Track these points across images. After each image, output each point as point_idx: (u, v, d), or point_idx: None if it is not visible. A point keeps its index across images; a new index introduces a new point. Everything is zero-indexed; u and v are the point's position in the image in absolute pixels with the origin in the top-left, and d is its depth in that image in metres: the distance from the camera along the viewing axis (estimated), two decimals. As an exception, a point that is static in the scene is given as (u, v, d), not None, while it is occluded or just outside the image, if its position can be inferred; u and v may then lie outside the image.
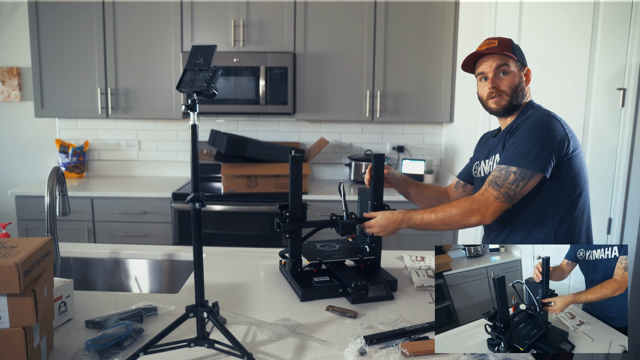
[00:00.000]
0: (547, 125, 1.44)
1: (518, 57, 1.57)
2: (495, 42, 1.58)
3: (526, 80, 1.59)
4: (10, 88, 3.70)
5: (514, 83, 1.55)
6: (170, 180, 3.64)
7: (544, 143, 1.42)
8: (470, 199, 1.49)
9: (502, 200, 1.44)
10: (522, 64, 1.58)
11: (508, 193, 1.43)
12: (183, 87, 1.16)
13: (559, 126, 1.46)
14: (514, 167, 1.43)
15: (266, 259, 1.91)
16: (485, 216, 1.45)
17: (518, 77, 1.56)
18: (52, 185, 1.55)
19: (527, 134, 1.44)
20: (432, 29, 3.37)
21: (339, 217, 1.64)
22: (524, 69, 1.59)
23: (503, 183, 1.44)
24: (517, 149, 1.44)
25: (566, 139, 1.45)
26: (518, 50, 1.59)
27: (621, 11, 2.47)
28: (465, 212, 1.47)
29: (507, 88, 1.56)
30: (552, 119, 1.47)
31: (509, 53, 1.54)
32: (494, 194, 1.45)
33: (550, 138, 1.42)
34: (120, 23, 3.37)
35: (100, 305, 1.47)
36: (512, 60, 1.56)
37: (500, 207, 1.45)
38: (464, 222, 1.49)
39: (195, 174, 1.18)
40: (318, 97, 3.43)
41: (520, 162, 1.42)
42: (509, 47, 1.55)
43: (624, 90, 2.51)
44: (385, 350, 1.22)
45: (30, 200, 3.23)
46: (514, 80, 1.56)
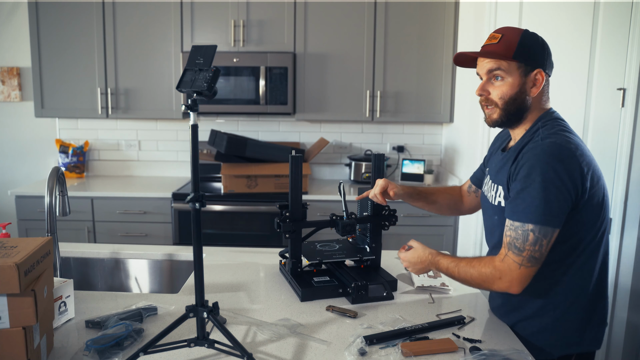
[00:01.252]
0: (559, 165, 1.20)
1: (523, 58, 1.29)
2: (497, 37, 1.31)
3: (535, 86, 1.31)
4: (10, 88, 3.70)
5: (507, 93, 1.31)
6: (170, 180, 3.64)
7: (558, 191, 1.19)
8: (491, 264, 1.27)
9: (528, 266, 1.22)
10: (531, 67, 1.30)
11: (533, 256, 1.22)
12: (183, 87, 1.16)
13: (573, 160, 1.21)
14: (531, 224, 1.21)
15: (266, 259, 1.91)
16: (512, 285, 1.24)
17: (517, 85, 1.30)
18: (52, 185, 1.55)
19: (537, 177, 1.20)
20: (432, 29, 3.37)
21: (339, 217, 1.64)
22: (531, 72, 1.30)
23: (524, 246, 1.22)
24: (528, 199, 1.21)
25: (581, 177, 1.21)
26: (527, 48, 1.29)
27: (621, 11, 2.47)
28: (486, 279, 1.28)
29: (497, 98, 1.32)
30: (564, 151, 1.21)
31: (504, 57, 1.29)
32: (517, 260, 1.23)
33: (564, 182, 1.19)
34: (120, 23, 3.37)
35: (100, 305, 1.47)
36: (512, 64, 1.30)
37: (527, 273, 1.23)
38: (486, 287, 1.31)
39: (195, 174, 1.18)
40: (318, 97, 3.43)
41: (537, 219, 1.20)
42: (511, 46, 1.28)
43: (624, 90, 2.51)
44: (385, 350, 1.21)
45: (30, 200, 3.23)
46: (509, 89, 1.30)
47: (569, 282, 1.29)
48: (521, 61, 1.30)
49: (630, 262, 2.64)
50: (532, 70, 1.31)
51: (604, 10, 2.50)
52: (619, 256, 2.64)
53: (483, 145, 2.79)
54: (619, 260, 2.65)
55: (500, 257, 1.27)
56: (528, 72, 1.31)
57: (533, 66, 1.31)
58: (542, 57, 1.32)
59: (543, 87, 1.33)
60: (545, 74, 1.33)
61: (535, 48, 1.31)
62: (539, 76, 1.31)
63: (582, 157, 1.22)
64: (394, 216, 1.67)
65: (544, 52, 1.32)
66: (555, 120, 1.32)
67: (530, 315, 1.34)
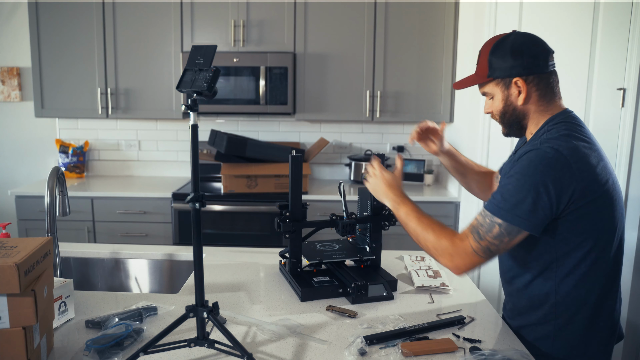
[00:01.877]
0: (546, 171, 1.17)
1: (497, 74, 1.30)
2: (478, 58, 1.36)
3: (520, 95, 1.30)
4: (10, 88, 3.70)
5: (498, 109, 1.35)
6: (170, 180, 3.64)
7: (538, 197, 1.17)
8: (450, 239, 1.27)
9: (481, 256, 1.23)
10: (508, 79, 1.30)
11: (489, 248, 1.22)
12: (183, 87, 1.16)
13: (563, 171, 1.17)
14: (499, 219, 1.20)
15: (266, 259, 1.91)
16: (458, 266, 1.25)
17: (502, 99, 1.33)
18: (52, 185, 1.55)
19: (522, 177, 1.19)
20: (432, 29, 3.37)
21: (339, 217, 1.64)
22: (510, 83, 1.30)
23: (485, 235, 1.22)
24: (506, 195, 1.20)
25: (569, 193, 1.18)
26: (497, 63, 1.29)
27: (621, 11, 2.47)
28: (438, 248, 1.29)
29: (496, 114, 1.37)
30: (556, 158, 1.18)
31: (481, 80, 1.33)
32: (474, 245, 1.23)
33: (548, 192, 1.17)
34: (120, 23, 3.37)
35: (100, 305, 1.47)
36: (491, 84, 1.33)
37: (476, 261, 1.24)
38: (434, 255, 1.31)
39: (195, 174, 1.18)
40: (318, 97, 3.43)
41: (507, 215, 1.19)
42: (484, 66, 1.32)
43: (624, 90, 2.51)
44: (385, 351, 1.22)
45: (30, 200, 3.23)
46: (498, 105, 1.34)
47: (571, 292, 1.27)
48: (496, 77, 1.31)
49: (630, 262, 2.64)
50: (510, 81, 1.30)
51: (604, 10, 2.50)
52: (619, 256, 2.64)
53: (483, 145, 2.79)
54: (619, 260, 2.64)
55: (460, 237, 1.27)
56: (508, 84, 1.30)
57: (510, 76, 1.29)
58: (516, 64, 1.28)
59: (534, 90, 1.30)
60: (528, 79, 1.29)
61: (505, 59, 1.28)
62: (519, 83, 1.28)
63: (577, 165, 1.18)
64: (394, 216, 1.67)
65: (520, 57, 1.28)
66: (565, 123, 1.27)
67: (535, 322, 1.33)
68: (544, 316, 1.31)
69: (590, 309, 1.27)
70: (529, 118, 1.33)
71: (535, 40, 1.31)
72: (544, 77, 1.29)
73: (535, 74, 1.28)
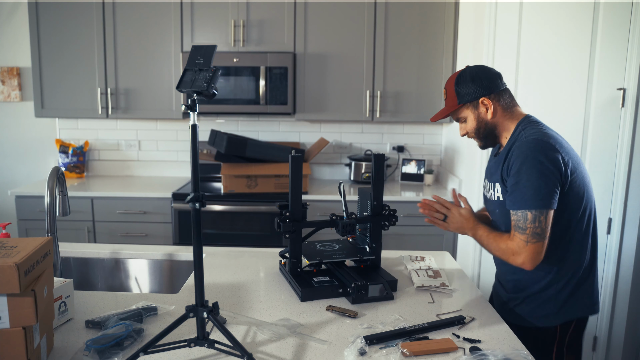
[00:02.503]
0: (543, 157, 1.41)
1: (465, 99, 1.54)
2: (445, 94, 1.61)
3: (488, 111, 1.54)
4: (10, 88, 3.70)
5: (472, 128, 1.58)
6: (170, 180, 3.64)
7: (546, 178, 1.40)
8: (505, 242, 1.48)
9: (533, 241, 1.42)
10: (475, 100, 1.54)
11: (535, 232, 1.42)
12: (183, 87, 1.16)
13: (554, 152, 1.42)
14: (527, 210, 1.41)
15: (266, 259, 1.91)
16: (525, 261, 1.43)
17: (474, 119, 1.56)
18: (52, 185, 1.56)
19: (527, 171, 1.41)
20: (432, 29, 3.37)
21: (339, 217, 1.64)
22: (478, 103, 1.54)
23: (525, 225, 1.42)
24: (524, 190, 1.42)
25: (562, 165, 1.42)
26: (462, 90, 1.54)
27: (621, 11, 2.47)
28: (504, 254, 1.48)
29: (471, 133, 1.60)
30: (545, 145, 1.43)
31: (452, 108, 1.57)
32: (522, 237, 1.43)
33: (550, 170, 1.40)
34: (120, 23, 3.37)
35: (100, 305, 1.47)
36: (462, 109, 1.57)
37: (535, 248, 1.42)
38: (506, 260, 1.49)
39: (195, 174, 1.18)
40: (318, 97, 3.43)
41: (532, 204, 1.41)
42: (453, 96, 1.56)
43: (624, 90, 2.51)
44: (385, 350, 1.22)
45: (30, 200, 3.23)
46: (472, 124, 1.57)
47: (568, 257, 1.50)
48: (465, 102, 1.55)
49: (630, 262, 2.64)
50: (478, 102, 1.54)
51: (604, 10, 2.50)
52: (619, 256, 2.64)
53: (483, 145, 2.79)
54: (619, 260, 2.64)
55: (509, 236, 1.48)
56: (476, 105, 1.55)
57: (476, 99, 1.54)
58: (477, 88, 1.53)
59: (498, 104, 1.54)
60: (491, 96, 1.53)
61: (468, 86, 1.54)
62: (485, 102, 1.53)
63: (561, 149, 1.44)
64: (394, 216, 1.68)
65: (478, 82, 1.53)
66: (533, 123, 1.53)
67: (537, 291, 1.54)
68: (547, 283, 1.52)
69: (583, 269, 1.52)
70: (500, 127, 1.57)
71: (486, 67, 1.57)
72: (501, 92, 1.55)
73: (495, 92, 1.54)
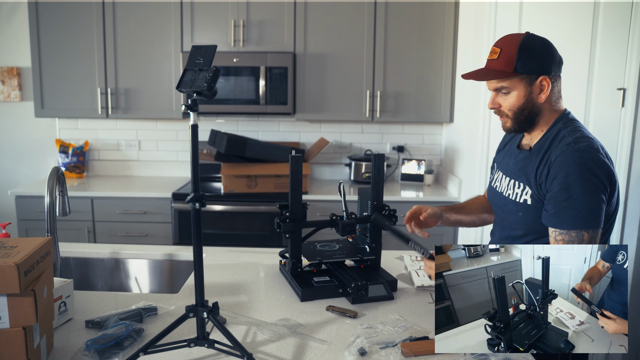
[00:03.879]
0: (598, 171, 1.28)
1: (525, 69, 1.33)
2: (497, 52, 1.35)
3: (542, 92, 1.36)
4: (10, 88, 3.70)
5: (515, 105, 1.37)
6: (170, 180, 3.64)
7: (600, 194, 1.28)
8: None
9: None
10: (535, 76, 1.34)
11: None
12: (183, 87, 1.16)
13: (607, 164, 1.29)
14: (583, 230, 1.29)
15: (266, 259, 1.91)
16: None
17: (523, 96, 1.35)
18: (52, 185, 1.55)
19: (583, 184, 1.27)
20: (432, 29, 3.37)
21: (339, 217, 1.64)
22: (535, 80, 1.34)
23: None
24: (578, 207, 1.28)
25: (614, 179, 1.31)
26: (526, 59, 1.32)
27: (621, 11, 2.47)
28: None
29: (507, 110, 1.39)
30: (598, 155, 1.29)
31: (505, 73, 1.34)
32: None
33: (603, 187, 1.29)
34: (120, 23, 3.37)
35: (100, 305, 1.47)
36: (515, 78, 1.34)
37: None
38: None
39: (195, 174, 1.18)
40: (318, 97, 3.43)
41: (588, 224, 1.29)
42: (511, 60, 1.33)
43: (624, 90, 2.51)
44: (385, 351, 1.21)
45: (30, 200, 3.23)
46: (517, 101, 1.36)
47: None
48: (523, 73, 1.34)
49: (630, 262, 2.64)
50: (536, 79, 1.35)
51: (604, 10, 2.50)
52: (619, 256, 2.64)
53: (483, 145, 2.79)
54: (619, 260, 2.64)
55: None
56: (532, 81, 1.35)
57: (537, 74, 1.34)
58: (544, 62, 1.34)
59: (552, 89, 1.37)
60: (552, 78, 1.36)
61: (535, 56, 1.33)
62: (545, 82, 1.35)
63: (610, 162, 1.31)
64: (394, 216, 1.67)
65: (546, 57, 1.34)
66: (573, 123, 1.38)
67: None
68: None
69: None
70: (542, 116, 1.40)
71: (552, 45, 1.38)
72: (558, 78, 1.39)
73: (557, 75, 1.38)
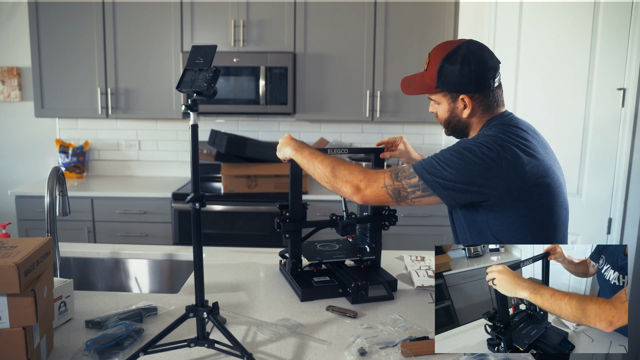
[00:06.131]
0: (475, 147, 1.23)
1: (445, 87, 1.33)
2: (426, 62, 1.36)
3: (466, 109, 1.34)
4: (10, 88, 3.70)
5: (442, 116, 1.39)
6: (170, 180, 3.64)
7: (462, 178, 1.23)
8: (363, 169, 1.33)
9: (389, 194, 1.29)
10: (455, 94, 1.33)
11: (399, 191, 1.28)
12: (183, 87, 1.16)
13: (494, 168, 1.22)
14: (416, 175, 1.27)
15: (266, 259, 1.91)
16: (364, 194, 1.30)
17: (447, 110, 1.37)
18: (52, 185, 1.55)
19: (455, 157, 1.24)
20: (432, 29, 3.37)
21: (339, 217, 1.64)
22: (457, 97, 1.33)
23: (402, 179, 1.28)
24: (435, 163, 1.26)
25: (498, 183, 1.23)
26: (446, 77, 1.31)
27: (621, 11, 2.47)
28: (350, 179, 1.32)
29: (439, 118, 1.42)
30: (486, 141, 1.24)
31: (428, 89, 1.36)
32: (387, 181, 1.29)
33: (473, 176, 1.23)
34: (120, 23, 3.37)
35: (100, 305, 1.47)
36: (439, 93, 1.36)
37: (382, 196, 1.29)
38: (340, 186, 1.33)
39: (195, 174, 1.18)
40: (318, 97, 3.43)
41: (428, 177, 1.25)
42: (434, 75, 1.33)
43: (624, 90, 2.51)
44: (385, 351, 1.21)
45: (30, 200, 3.23)
46: (443, 113, 1.38)
47: None
48: (444, 90, 1.34)
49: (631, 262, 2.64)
50: (457, 96, 1.34)
51: (604, 10, 2.50)
52: (619, 256, 2.63)
53: (483, 145, 2.79)
54: (619, 260, 2.64)
55: (375, 170, 1.33)
56: (455, 98, 1.35)
57: (457, 92, 1.33)
58: (464, 80, 1.30)
59: (478, 105, 1.34)
60: (473, 96, 1.32)
61: (454, 74, 1.30)
62: (466, 100, 1.33)
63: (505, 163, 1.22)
64: (394, 216, 1.67)
65: (468, 74, 1.29)
66: (501, 125, 1.31)
67: None
68: None
69: None
70: (471, 127, 1.39)
71: (484, 58, 1.31)
72: (488, 93, 1.34)
73: (481, 92, 1.32)
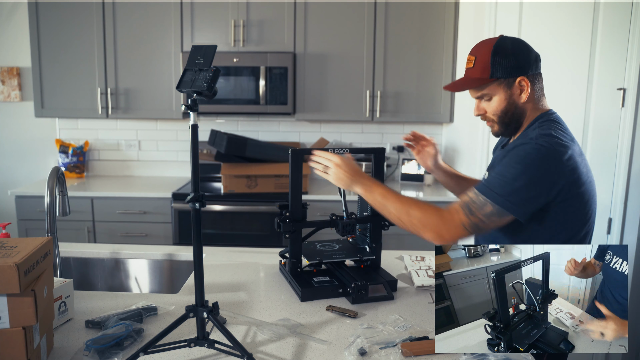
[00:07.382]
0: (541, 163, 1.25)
1: (501, 73, 1.33)
2: (472, 60, 1.37)
3: (523, 92, 1.36)
4: (10, 88, 3.70)
5: (498, 109, 1.38)
6: (170, 180, 3.64)
7: (531, 186, 1.25)
8: (438, 211, 1.33)
9: (468, 230, 1.30)
10: (512, 77, 1.34)
11: (478, 225, 1.29)
12: (183, 87, 1.16)
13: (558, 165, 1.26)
14: (490, 203, 1.28)
15: (266, 259, 1.91)
16: (444, 237, 1.31)
17: (504, 97, 1.36)
18: (52, 185, 1.55)
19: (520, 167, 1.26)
20: (432, 29, 3.37)
21: (339, 217, 1.64)
22: (514, 82, 1.35)
23: (477, 213, 1.29)
24: (503, 182, 1.27)
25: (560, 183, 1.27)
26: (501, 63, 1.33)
27: (621, 11, 2.47)
28: (426, 223, 1.33)
29: (492, 115, 1.40)
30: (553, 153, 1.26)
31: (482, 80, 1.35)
32: (464, 219, 1.30)
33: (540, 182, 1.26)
34: (120, 23, 3.37)
35: (100, 305, 1.47)
36: (493, 84, 1.35)
37: (462, 235, 1.31)
38: (419, 229, 1.34)
39: (195, 174, 1.18)
40: (318, 97, 3.43)
41: (501, 201, 1.27)
42: (486, 67, 1.34)
43: (624, 90, 2.51)
44: (385, 351, 1.21)
45: (30, 200, 3.23)
46: (499, 105, 1.37)
47: None
48: (500, 77, 1.35)
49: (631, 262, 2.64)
50: (514, 80, 1.35)
51: (604, 10, 2.50)
52: (619, 256, 2.64)
53: (483, 145, 2.79)
54: (619, 260, 2.64)
55: (449, 211, 1.33)
56: (511, 83, 1.36)
57: (514, 76, 1.35)
58: (519, 63, 1.34)
59: (533, 88, 1.37)
60: (530, 77, 1.36)
61: (509, 58, 1.33)
62: (524, 82, 1.35)
63: (569, 162, 1.27)
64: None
65: (521, 57, 1.34)
66: (552, 122, 1.35)
67: None
68: None
69: None
70: (526, 117, 1.40)
71: (526, 43, 1.38)
72: (538, 76, 1.38)
73: (534, 73, 1.37)
